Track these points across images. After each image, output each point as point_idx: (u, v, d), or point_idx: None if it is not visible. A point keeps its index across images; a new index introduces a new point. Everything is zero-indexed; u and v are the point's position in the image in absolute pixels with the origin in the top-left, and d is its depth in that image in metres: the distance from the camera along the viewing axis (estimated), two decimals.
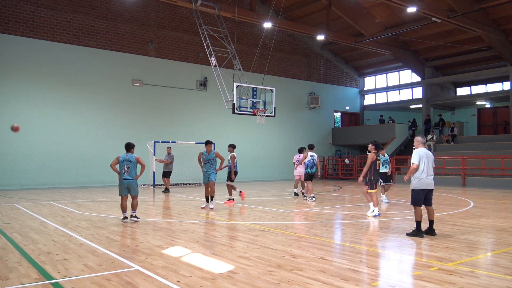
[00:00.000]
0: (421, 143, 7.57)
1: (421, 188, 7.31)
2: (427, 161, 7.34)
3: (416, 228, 7.40)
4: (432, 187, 7.38)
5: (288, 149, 27.20)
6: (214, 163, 11.23)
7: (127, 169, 8.89)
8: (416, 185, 7.33)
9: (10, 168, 18.49)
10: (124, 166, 8.90)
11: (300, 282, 4.68)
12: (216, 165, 11.29)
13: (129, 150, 9.10)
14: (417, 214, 7.39)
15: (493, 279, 4.83)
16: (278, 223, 9.12)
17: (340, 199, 14.45)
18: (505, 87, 26.67)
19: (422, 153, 7.36)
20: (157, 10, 22.74)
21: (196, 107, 23.73)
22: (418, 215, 7.38)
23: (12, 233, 7.65)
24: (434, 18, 20.03)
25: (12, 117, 18.73)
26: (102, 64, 20.96)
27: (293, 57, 28.22)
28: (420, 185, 7.30)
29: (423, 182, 7.28)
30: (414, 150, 7.53)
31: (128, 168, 8.89)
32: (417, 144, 7.62)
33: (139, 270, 5.19)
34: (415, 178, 7.33)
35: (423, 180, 7.28)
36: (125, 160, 8.93)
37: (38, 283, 4.67)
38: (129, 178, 8.91)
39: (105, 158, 20.77)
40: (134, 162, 8.94)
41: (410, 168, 7.36)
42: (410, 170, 7.35)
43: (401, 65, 29.26)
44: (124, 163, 8.92)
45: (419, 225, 7.37)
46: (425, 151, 7.46)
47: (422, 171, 7.27)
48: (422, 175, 7.28)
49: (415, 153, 7.39)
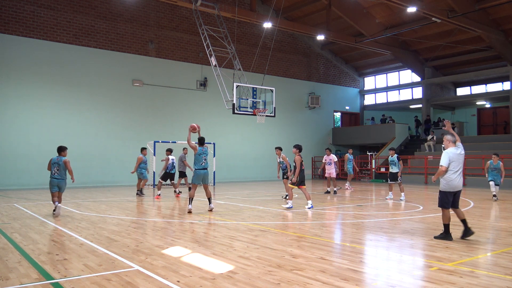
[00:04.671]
0: (451, 142, 7.12)
1: (449, 190, 6.96)
2: (457, 161, 6.94)
3: (444, 231, 7.06)
4: (461, 188, 7.03)
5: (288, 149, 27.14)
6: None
7: (57, 171, 9.91)
8: (445, 187, 6.98)
9: (10, 168, 18.49)
10: (54, 168, 9.94)
11: (300, 282, 4.68)
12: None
13: (59, 153, 10.02)
14: (445, 217, 7.04)
15: (493, 279, 4.83)
16: (278, 223, 9.12)
17: (340, 199, 14.45)
18: (505, 87, 26.67)
19: (451, 154, 6.95)
20: (157, 10, 22.74)
21: (196, 107, 23.73)
22: (446, 218, 7.03)
23: (12, 233, 7.65)
24: (434, 18, 20.04)
25: (12, 117, 18.75)
26: (102, 64, 20.96)
27: (293, 57, 28.22)
28: (449, 187, 6.95)
29: (452, 184, 6.93)
30: (444, 151, 7.10)
31: (58, 170, 9.90)
32: (447, 143, 7.17)
33: (139, 270, 5.18)
34: (445, 179, 6.96)
35: (453, 182, 6.92)
36: (55, 162, 9.95)
37: (38, 283, 4.67)
38: (58, 177, 9.92)
39: (105, 158, 20.83)
40: (62, 164, 9.88)
41: (438, 170, 6.98)
42: (438, 172, 6.96)
43: (401, 65, 29.26)
44: (54, 165, 9.94)
45: (447, 228, 7.03)
46: (455, 151, 7.02)
47: (451, 172, 6.90)
48: (451, 177, 6.91)
49: (445, 154, 6.97)
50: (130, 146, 21.47)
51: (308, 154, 28.75)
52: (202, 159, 10.44)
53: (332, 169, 16.46)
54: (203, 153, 10.49)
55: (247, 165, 25.56)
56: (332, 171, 16.45)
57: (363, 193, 16.97)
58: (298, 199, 14.18)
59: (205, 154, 10.55)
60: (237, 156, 25.16)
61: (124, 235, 7.47)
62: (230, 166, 24.66)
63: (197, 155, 10.43)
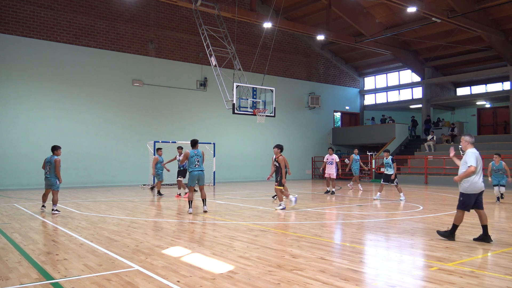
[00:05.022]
0: (469, 143, 6.96)
1: (473, 192, 6.79)
2: (479, 162, 6.80)
3: (451, 230, 6.98)
4: (484, 188, 6.92)
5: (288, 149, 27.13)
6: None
7: (48, 169, 10.41)
8: (469, 189, 6.78)
9: (10, 168, 18.49)
10: (47, 166, 10.44)
11: (300, 282, 4.68)
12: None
13: (53, 152, 10.47)
14: (459, 219, 6.88)
15: (493, 279, 4.83)
16: (278, 223, 9.12)
17: (340, 199, 14.45)
18: (505, 87, 26.67)
19: (476, 154, 6.80)
20: (157, 10, 22.75)
21: (196, 107, 23.73)
22: (459, 219, 6.87)
23: (12, 233, 7.65)
24: (434, 18, 20.03)
25: (12, 117, 18.76)
26: (102, 64, 20.97)
27: (293, 57, 28.22)
28: (474, 189, 6.77)
29: (477, 185, 6.76)
30: (467, 151, 6.88)
31: (49, 168, 10.40)
32: (465, 144, 6.98)
33: (139, 270, 5.18)
34: (467, 181, 6.76)
35: (477, 183, 6.75)
36: (48, 161, 10.46)
37: (38, 283, 4.67)
38: (49, 176, 10.40)
39: (105, 158, 20.84)
40: (52, 163, 10.32)
41: (467, 170, 6.71)
42: (467, 173, 6.71)
43: (401, 65, 29.26)
44: (47, 164, 10.46)
45: (455, 229, 6.95)
46: (477, 151, 6.86)
47: (476, 173, 6.73)
48: (475, 178, 6.74)
49: (471, 154, 6.76)
50: (130, 146, 21.49)
51: (308, 154, 28.78)
52: (195, 161, 10.43)
53: (333, 169, 16.17)
54: (195, 155, 10.45)
55: (247, 165, 25.55)
56: (332, 171, 16.15)
57: (363, 193, 16.96)
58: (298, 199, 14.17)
59: (197, 156, 10.48)
60: (237, 156, 25.16)
61: (124, 235, 7.46)
62: (230, 166, 24.66)
63: (190, 157, 10.43)
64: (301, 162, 28.05)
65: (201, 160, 10.52)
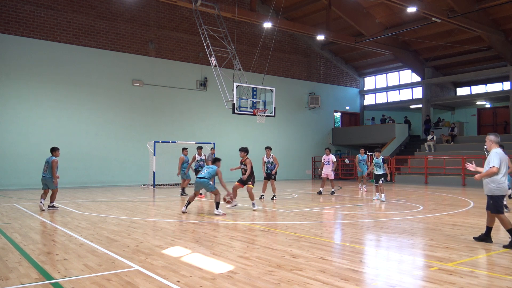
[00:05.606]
0: (494, 142, 6.80)
1: (501, 194, 6.66)
2: (505, 162, 6.64)
3: (486, 232, 6.87)
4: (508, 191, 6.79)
5: (288, 149, 27.22)
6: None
7: (46, 169, 10.86)
8: (497, 191, 6.64)
9: (10, 168, 18.49)
10: (44, 166, 10.94)
11: (300, 282, 4.68)
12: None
13: (52, 153, 10.88)
14: (505, 222, 6.60)
15: (493, 279, 4.83)
16: (278, 223, 9.12)
17: (340, 199, 14.45)
18: (505, 87, 26.66)
19: (501, 154, 6.65)
20: (157, 10, 22.74)
21: (196, 107, 23.73)
22: (507, 223, 6.59)
23: (12, 233, 7.65)
24: (434, 18, 20.03)
25: (12, 117, 18.75)
26: (102, 64, 20.96)
27: (293, 57, 28.22)
28: (501, 190, 6.63)
29: (503, 186, 6.63)
30: (492, 151, 6.73)
31: (46, 168, 10.83)
32: (490, 144, 6.86)
33: (139, 270, 5.19)
34: (495, 182, 6.61)
35: (503, 184, 6.62)
36: (46, 161, 10.91)
37: (38, 283, 4.67)
38: (46, 176, 10.83)
39: (105, 158, 20.83)
40: (50, 163, 10.73)
41: (489, 170, 6.59)
42: (488, 172, 6.60)
43: (401, 65, 29.26)
44: (45, 164, 10.94)
45: (489, 231, 6.84)
46: (502, 151, 6.73)
47: (501, 175, 6.60)
48: (501, 179, 6.60)
49: (495, 154, 6.61)
50: (130, 146, 21.49)
51: (308, 154, 28.78)
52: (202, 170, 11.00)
53: (330, 169, 16.18)
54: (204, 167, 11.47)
55: None
56: (329, 171, 16.04)
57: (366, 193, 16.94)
58: (298, 199, 14.20)
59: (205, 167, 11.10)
60: (237, 156, 24.77)
61: (124, 235, 7.46)
62: (230, 166, 24.49)
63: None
64: (301, 162, 28.06)
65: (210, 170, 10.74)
